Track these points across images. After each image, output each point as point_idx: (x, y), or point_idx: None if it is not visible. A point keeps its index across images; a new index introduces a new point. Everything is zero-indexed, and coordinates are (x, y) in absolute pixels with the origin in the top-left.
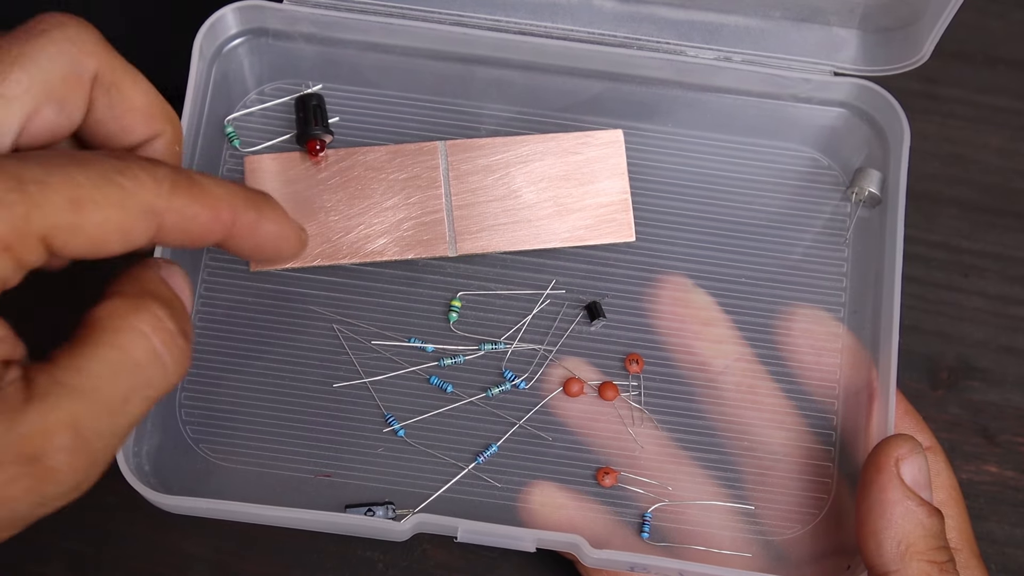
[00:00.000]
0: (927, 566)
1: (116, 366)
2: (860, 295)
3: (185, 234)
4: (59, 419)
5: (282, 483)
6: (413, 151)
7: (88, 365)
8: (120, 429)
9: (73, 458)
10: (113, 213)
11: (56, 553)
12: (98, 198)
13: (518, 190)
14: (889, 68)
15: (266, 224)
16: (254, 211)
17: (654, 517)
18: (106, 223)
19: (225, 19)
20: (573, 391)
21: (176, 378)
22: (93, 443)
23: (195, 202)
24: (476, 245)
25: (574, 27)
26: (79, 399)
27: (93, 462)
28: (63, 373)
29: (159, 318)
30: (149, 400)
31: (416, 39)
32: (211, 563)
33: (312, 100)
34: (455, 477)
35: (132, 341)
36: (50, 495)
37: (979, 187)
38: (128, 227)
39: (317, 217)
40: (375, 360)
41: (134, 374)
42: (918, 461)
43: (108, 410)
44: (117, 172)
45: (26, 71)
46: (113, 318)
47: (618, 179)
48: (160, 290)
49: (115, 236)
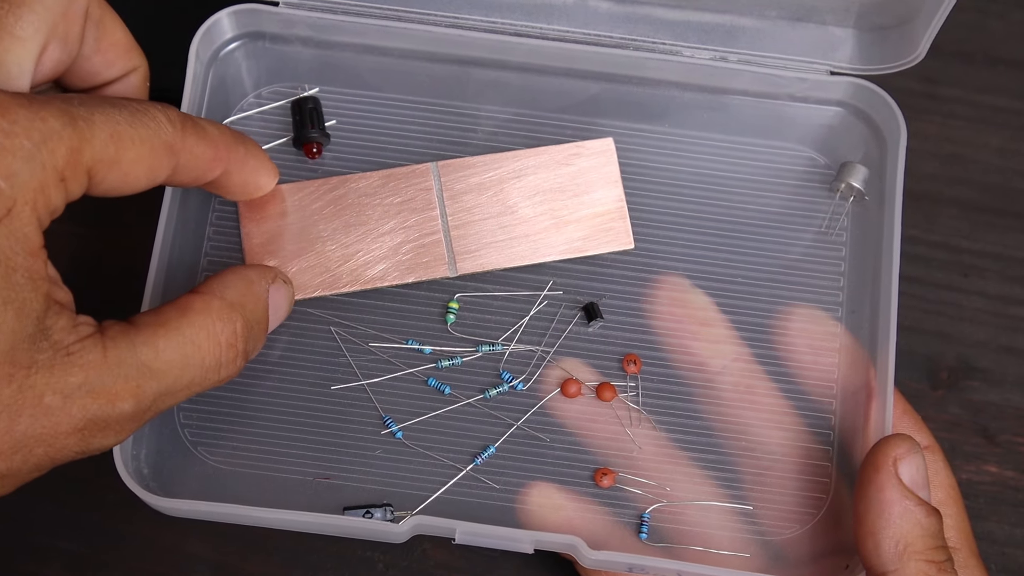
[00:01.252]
0: (925, 566)
1: (187, 361)
2: (858, 294)
3: (193, 171)
4: (127, 388)
5: (280, 485)
6: (405, 174)
7: (166, 348)
8: (164, 409)
9: (124, 424)
10: (144, 149)
11: (56, 553)
12: (133, 135)
13: (513, 206)
14: (885, 67)
15: (251, 159)
16: (242, 146)
17: (652, 518)
18: (138, 159)
19: (221, 23)
20: (571, 392)
21: (217, 385)
22: (144, 416)
23: (202, 141)
24: (475, 264)
25: (570, 28)
26: (148, 376)
27: (132, 431)
28: (143, 348)
29: (238, 336)
30: (192, 394)
31: (412, 41)
32: (211, 563)
33: (309, 103)
34: (453, 479)
35: (209, 345)
36: (91, 449)
37: (979, 187)
38: (154, 163)
39: (314, 247)
40: (373, 362)
41: (196, 372)
42: (916, 461)
43: (167, 392)
44: (143, 112)
45: (34, 10)
46: (203, 315)
47: (612, 187)
48: (255, 307)
49: (143, 172)
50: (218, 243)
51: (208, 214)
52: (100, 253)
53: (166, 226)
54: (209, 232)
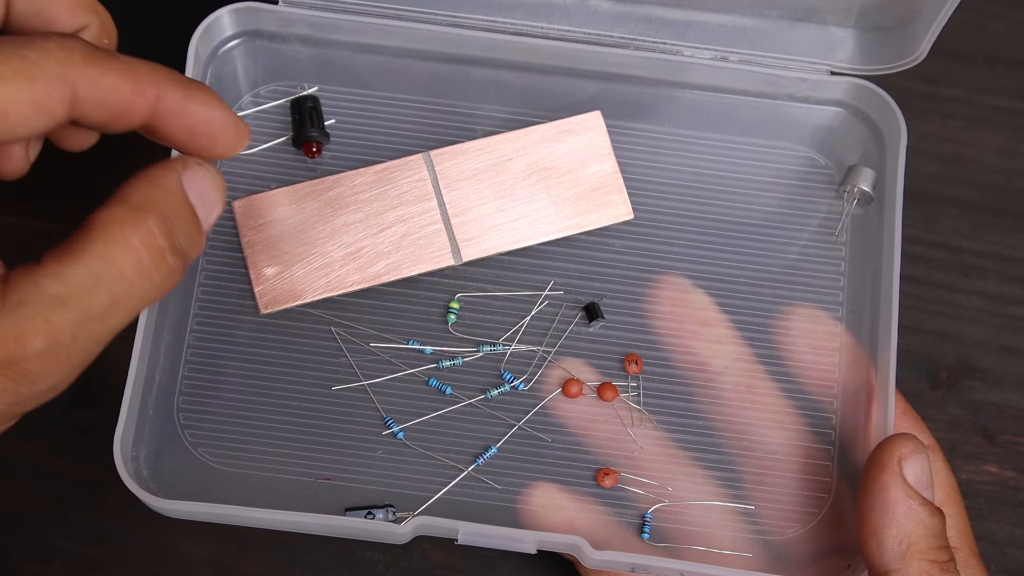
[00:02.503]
0: (928, 565)
1: (99, 277)
2: (858, 294)
3: (105, 108)
4: (35, 326)
5: (281, 486)
6: (399, 167)
7: (71, 273)
8: (100, 335)
9: (47, 362)
10: (21, 84)
11: (55, 553)
12: (4, 72)
13: (510, 188)
14: (886, 67)
15: (194, 104)
16: (181, 88)
17: (654, 518)
18: (15, 95)
19: (220, 21)
20: (572, 392)
21: (162, 291)
22: (70, 348)
23: (111, 72)
24: (479, 249)
25: (570, 27)
26: (58, 307)
27: (70, 366)
28: (46, 280)
29: (153, 233)
30: (133, 311)
31: (411, 40)
32: (211, 563)
33: (308, 102)
34: (455, 479)
35: (120, 254)
36: (25, 395)
37: (979, 187)
38: (40, 98)
39: (316, 249)
40: (374, 363)
41: (118, 285)
42: (920, 460)
43: (86, 318)
44: (20, 46)
45: None
46: (107, 227)
47: (605, 160)
48: (166, 200)
49: (27, 109)
50: (216, 243)
51: None
52: None
53: None
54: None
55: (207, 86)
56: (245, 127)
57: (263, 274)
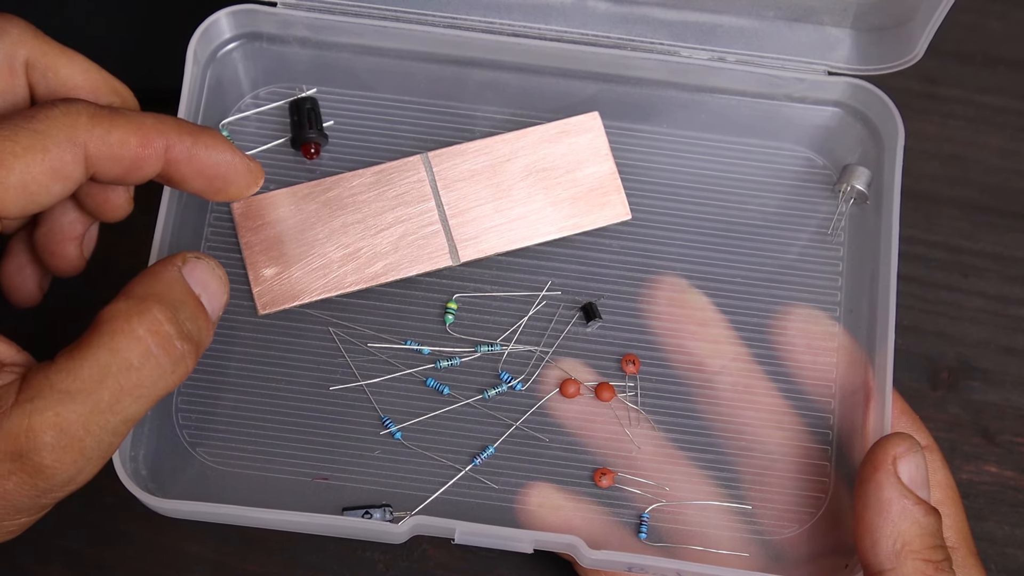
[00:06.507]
0: (923, 565)
1: (106, 368)
2: (856, 294)
3: (118, 163)
4: (44, 419)
5: (279, 486)
6: (398, 168)
7: (80, 367)
8: (113, 427)
9: (60, 455)
10: (35, 157)
11: (56, 553)
12: (16, 149)
13: (508, 189)
14: (883, 67)
15: (203, 150)
16: (189, 136)
17: (651, 517)
18: (30, 168)
19: (219, 23)
20: (569, 392)
21: (177, 378)
22: (83, 440)
23: (117, 128)
24: (477, 250)
25: (568, 29)
26: (67, 401)
27: (85, 458)
28: (56, 375)
29: (158, 321)
30: (145, 399)
31: (410, 42)
32: (211, 563)
33: (306, 104)
34: (452, 479)
35: (126, 344)
36: (43, 488)
37: (979, 187)
38: (55, 165)
39: (314, 250)
40: (371, 363)
41: (125, 375)
42: (916, 460)
43: (95, 409)
44: (27, 119)
45: None
46: (113, 320)
47: (603, 161)
48: (169, 290)
49: (45, 178)
50: (215, 243)
51: (206, 215)
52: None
53: (163, 230)
54: (207, 233)
55: (216, 131)
56: (257, 167)
57: (262, 275)
